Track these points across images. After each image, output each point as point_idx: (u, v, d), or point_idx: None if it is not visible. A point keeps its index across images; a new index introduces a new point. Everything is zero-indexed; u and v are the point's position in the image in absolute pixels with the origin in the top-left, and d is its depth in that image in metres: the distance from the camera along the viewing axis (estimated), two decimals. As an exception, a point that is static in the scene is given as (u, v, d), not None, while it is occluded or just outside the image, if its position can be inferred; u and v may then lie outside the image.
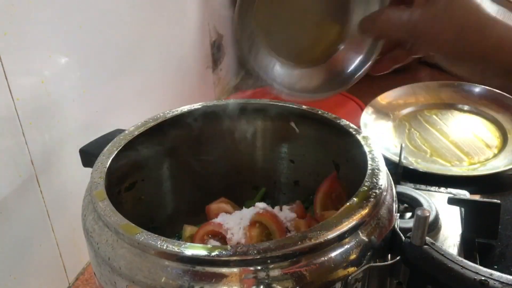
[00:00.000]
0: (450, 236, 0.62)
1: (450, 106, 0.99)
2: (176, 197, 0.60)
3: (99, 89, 0.66)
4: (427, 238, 0.39)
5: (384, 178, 0.43)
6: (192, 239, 0.52)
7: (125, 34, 0.72)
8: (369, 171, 0.43)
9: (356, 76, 0.51)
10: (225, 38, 1.11)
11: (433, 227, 0.62)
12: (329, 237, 0.36)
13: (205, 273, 0.35)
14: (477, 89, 1.00)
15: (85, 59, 0.63)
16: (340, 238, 0.37)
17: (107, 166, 0.46)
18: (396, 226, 0.41)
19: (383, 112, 0.96)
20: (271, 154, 0.62)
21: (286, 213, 0.54)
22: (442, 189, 0.70)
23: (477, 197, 0.73)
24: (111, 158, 0.47)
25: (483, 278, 0.36)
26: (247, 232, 0.50)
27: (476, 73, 0.51)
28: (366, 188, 0.41)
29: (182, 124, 0.56)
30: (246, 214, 0.51)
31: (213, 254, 0.34)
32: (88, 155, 0.52)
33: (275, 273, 0.35)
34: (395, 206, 0.43)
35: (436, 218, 0.62)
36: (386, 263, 0.40)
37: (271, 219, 0.51)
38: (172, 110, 0.56)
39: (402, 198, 0.65)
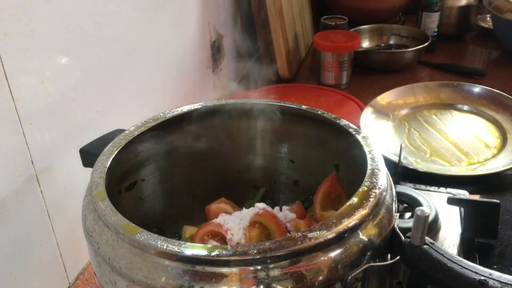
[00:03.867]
0: (450, 236, 0.62)
1: (450, 106, 1.00)
2: (176, 197, 0.60)
3: (99, 89, 0.66)
4: (426, 238, 0.39)
5: (383, 178, 0.43)
6: (192, 239, 0.52)
7: (125, 34, 0.72)
8: (368, 171, 0.43)
9: None
10: (225, 38, 1.11)
11: (433, 227, 0.62)
12: (329, 237, 0.36)
13: (205, 273, 0.35)
14: (477, 89, 1.00)
15: (85, 59, 0.63)
16: (340, 238, 0.37)
17: (107, 166, 0.46)
18: (395, 226, 0.41)
19: (383, 112, 0.97)
20: (271, 154, 0.62)
21: (286, 213, 0.54)
22: (442, 189, 0.71)
23: (476, 197, 0.73)
24: (111, 158, 0.47)
25: (482, 277, 0.36)
26: (247, 233, 0.50)
27: None
28: (366, 188, 0.41)
29: (182, 124, 0.56)
30: (246, 214, 0.51)
31: (213, 254, 0.35)
32: (88, 155, 0.52)
33: (275, 273, 0.35)
34: (394, 206, 0.43)
35: (436, 218, 0.62)
36: (385, 263, 0.41)
37: (270, 219, 0.51)
38: (172, 110, 0.56)
39: (402, 198, 0.65)
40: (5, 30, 0.50)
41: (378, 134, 0.91)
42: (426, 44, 1.19)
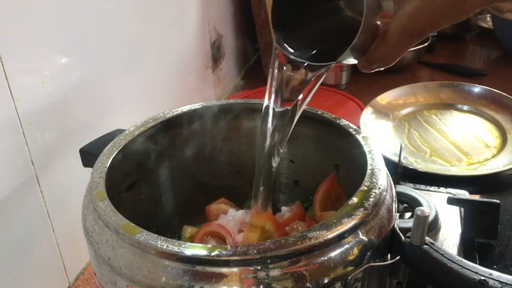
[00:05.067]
0: (450, 236, 0.62)
1: (450, 106, 1.00)
2: (176, 197, 0.60)
3: (99, 89, 0.66)
4: (426, 238, 0.39)
5: (383, 178, 0.43)
6: (192, 239, 0.52)
7: (125, 34, 0.72)
8: (368, 171, 0.43)
9: None
10: (225, 38, 1.11)
11: (433, 227, 0.62)
12: (329, 237, 0.36)
13: (205, 273, 0.35)
14: (477, 89, 1.01)
15: (85, 59, 0.63)
16: (340, 238, 0.37)
17: (107, 166, 0.46)
18: (395, 226, 0.41)
19: (382, 112, 0.97)
20: (271, 154, 0.62)
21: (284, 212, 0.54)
22: (442, 189, 0.70)
23: (476, 197, 0.73)
24: (111, 158, 0.47)
25: (482, 277, 0.36)
26: (246, 233, 0.50)
27: None
28: (366, 188, 0.41)
29: (182, 124, 0.56)
30: (246, 215, 0.51)
31: (213, 254, 0.35)
32: (88, 155, 0.52)
33: (275, 273, 0.35)
34: (394, 206, 0.43)
35: (436, 218, 0.62)
36: (385, 262, 0.41)
37: (269, 220, 0.51)
38: (172, 110, 0.56)
39: (402, 198, 0.65)
40: (5, 30, 0.50)
41: (378, 134, 0.91)
42: (426, 44, 1.19)
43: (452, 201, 0.64)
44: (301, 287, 0.35)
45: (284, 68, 0.45)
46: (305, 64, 0.44)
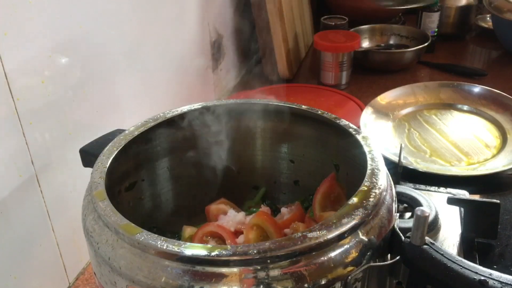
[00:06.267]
0: (450, 236, 0.62)
1: (450, 106, 1.00)
2: (176, 197, 0.60)
3: (99, 89, 0.66)
4: (426, 238, 0.39)
5: (383, 178, 0.43)
6: (191, 240, 0.52)
7: (125, 34, 0.72)
8: (368, 171, 0.43)
9: None
10: (225, 38, 1.11)
11: (433, 227, 0.62)
12: (329, 237, 0.36)
13: (205, 273, 0.35)
14: (477, 89, 1.01)
15: (85, 59, 0.63)
16: (340, 238, 0.37)
17: (107, 166, 0.46)
18: (395, 226, 0.41)
19: (382, 112, 0.97)
20: (271, 154, 0.62)
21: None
22: (442, 189, 0.71)
23: (476, 197, 0.73)
24: (111, 158, 0.47)
25: (482, 277, 0.36)
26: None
27: None
28: (365, 188, 0.41)
29: (182, 124, 0.56)
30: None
31: (213, 254, 0.35)
32: (88, 155, 0.52)
33: (275, 273, 0.35)
34: (394, 206, 0.43)
35: (436, 218, 0.63)
36: (385, 262, 0.41)
37: (268, 221, 0.51)
38: (172, 110, 0.56)
39: (402, 198, 0.65)
40: (5, 30, 0.50)
41: (378, 134, 0.91)
42: (426, 44, 1.19)
43: (452, 201, 0.64)
44: (301, 287, 0.35)
45: None
46: None
